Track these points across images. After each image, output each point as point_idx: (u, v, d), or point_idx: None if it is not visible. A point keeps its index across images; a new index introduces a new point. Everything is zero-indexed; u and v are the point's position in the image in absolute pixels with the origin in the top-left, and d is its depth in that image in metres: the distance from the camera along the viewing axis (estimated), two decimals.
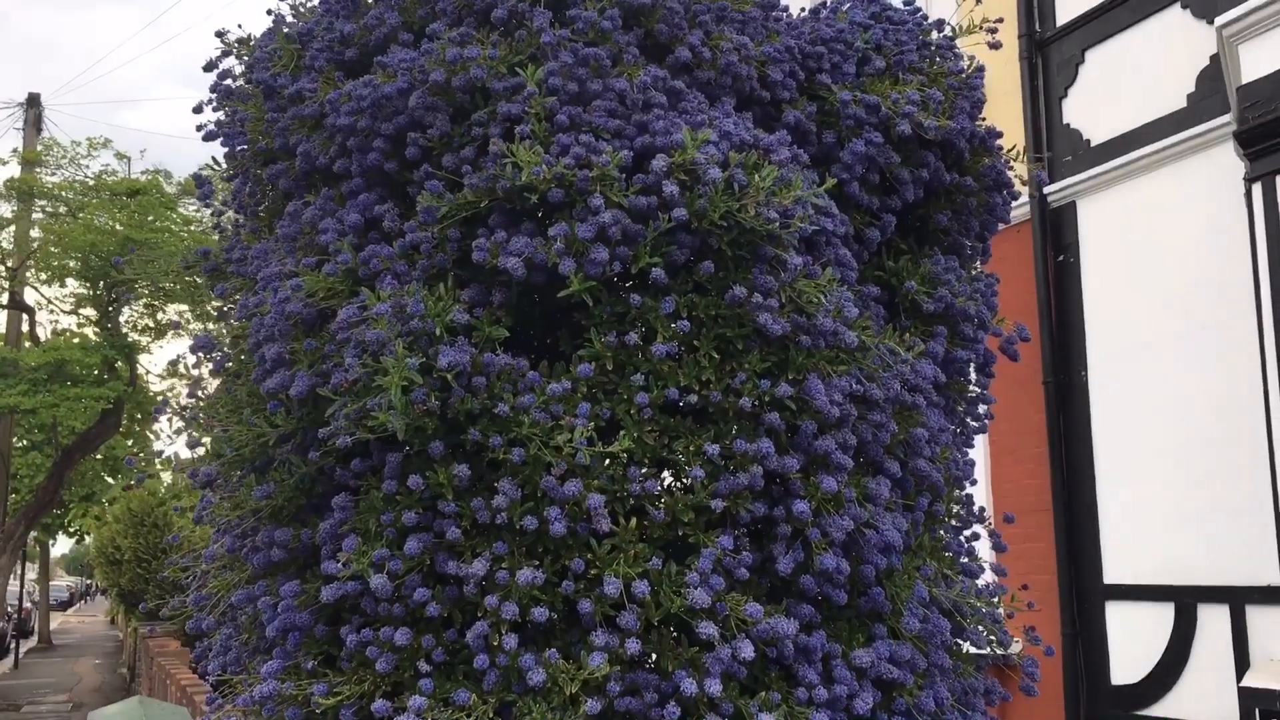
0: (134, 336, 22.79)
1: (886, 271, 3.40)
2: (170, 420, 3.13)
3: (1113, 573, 8.42)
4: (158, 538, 21.86)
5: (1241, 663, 7.50)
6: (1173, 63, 8.28)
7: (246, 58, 3.48)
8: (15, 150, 23.51)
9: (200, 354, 3.22)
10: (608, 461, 2.83)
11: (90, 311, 23.08)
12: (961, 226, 3.52)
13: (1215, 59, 8.04)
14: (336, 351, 2.82)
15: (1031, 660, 3.28)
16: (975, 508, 3.57)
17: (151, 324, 23.36)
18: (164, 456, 3.20)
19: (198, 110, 3.41)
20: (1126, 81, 8.57)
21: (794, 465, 2.82)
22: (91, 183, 22.67)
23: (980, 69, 3.50)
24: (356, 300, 2.75)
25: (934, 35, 3.57)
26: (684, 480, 3.03)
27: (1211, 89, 7.99)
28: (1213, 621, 7.77)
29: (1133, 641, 8.19)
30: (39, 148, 23.34)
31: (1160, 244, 8.13)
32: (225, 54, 3.49)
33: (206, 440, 3.15)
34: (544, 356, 3.00)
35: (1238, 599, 7.59)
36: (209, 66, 3.44)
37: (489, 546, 2.75)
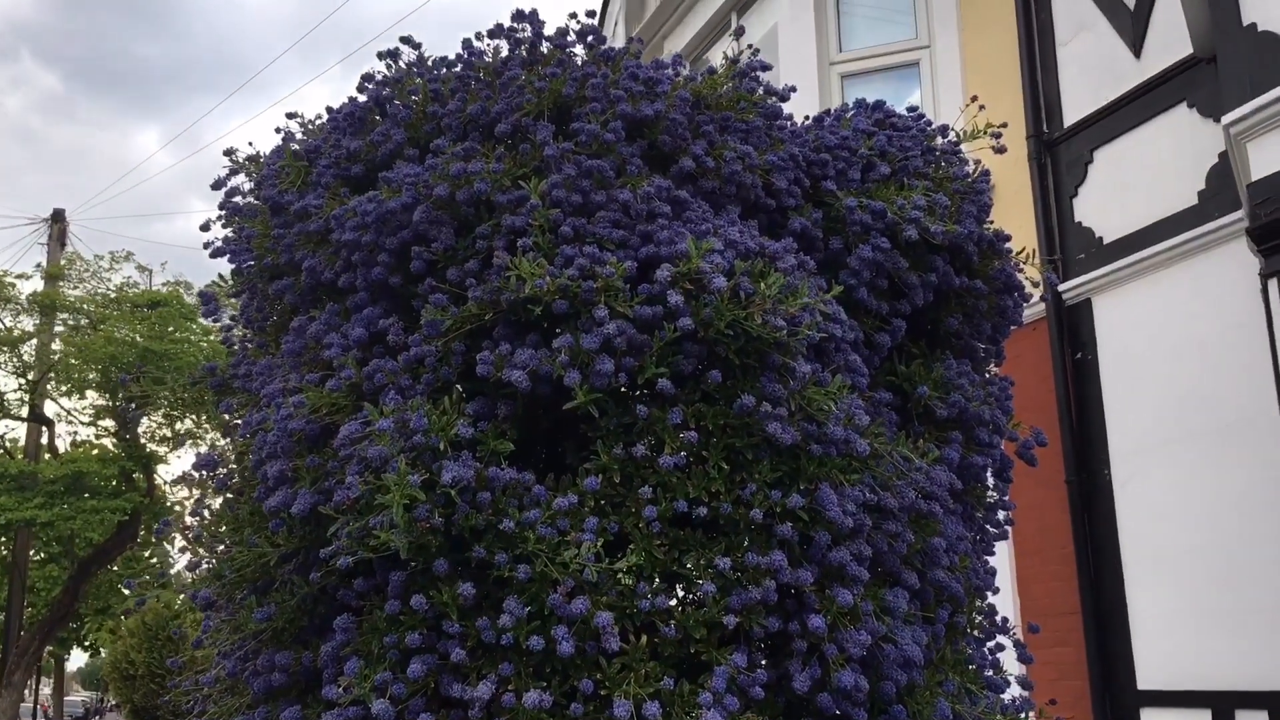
0: (152, 447, 22.81)
1: (898, 376, 3.36)
2: (172, 540, 3.07)
3: (1146, 678, 8.16)
4: (172, 652, 21.57)
5: None
6: (1182, 160, 8.32)
7: (255, 175, 3.51)
8: (39, 265, 23.89)
9: (203, 472, 3.18)
10: (616, 577, 2.75)
11: (109, 423, 23.16)
12: (973, 330, 3.48)
13: (1224, 156, 8.08)
14: (339, 469, 2.78)
15: None
16: (999, 618, 3.46)
17: (170, 434, 23.40)
18: (165, 577, 3.14)
19: (205, 228, 3.43)
20: (1136, 179, 8.61)
21: (808, 578, 2.74)
22: (113, 295, 22.97)
23: (986, 173, 3.50)
24: (359, 416, 2.71)
25: (939, 140, 3.58)
26: (695, 595, 2.95)
27: (1222, 185, 8.01)
28: None
29: None
30: (62, 262, 23.71)
31: (1178, 340, 8.07)
32: (234, 172, 3.52)
33: (211, 560, 3.09)
34: (550, 469, 2.95)
35: (1276, 704, 7.33)
36: (217, 184, 3.47)
37: (494, 668, 2.67)
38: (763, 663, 2.81)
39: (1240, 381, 7.56)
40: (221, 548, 3.05)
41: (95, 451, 22.46)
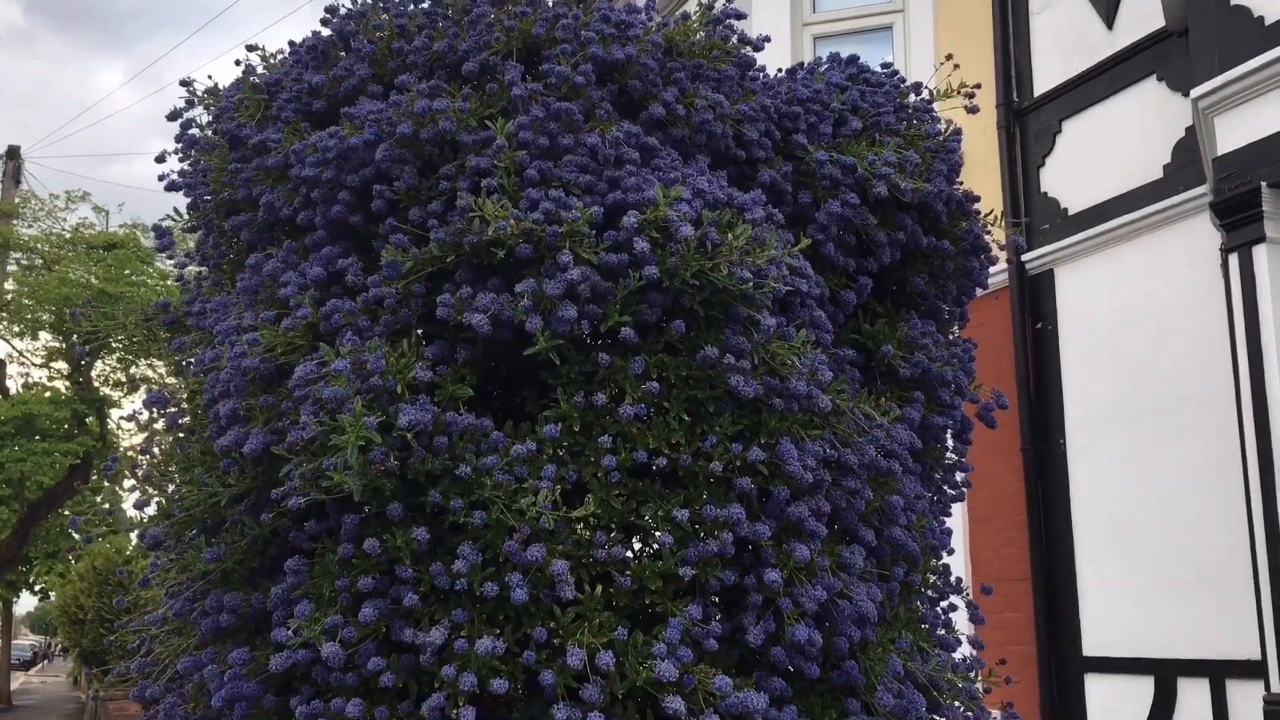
0: (105, 391, 22.51)
1: (863, 335, 3.34)
2: (122, 482, 3.01)
3: (1092, 645, 8.30)
4: (122, 596, 21.44)
5: None
6: (1149, 134, 8.35)
7: (213, 108, 3.41)
8: None
9: (154, 409, 3.11)
10: (573, 527, 2.73)
11: (62, 365, 22.81)
12: (939, 290, 3.47)
13: (1191, 130, 8.11)
14: (293, 409, 2.72)
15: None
16: (952, 578, 3.47)
17: (124, 379, 23.09)
18: (112, 514, 3.08)
19: (160, 160, 3.34)
20: (1103, 151, 8.64)
21: (765, 532, 2.73)
22: (68, 236, 22.54)
23: (957, 132, 3.48)
24: (315, 356, 2.65)
25: (911, 98, 3.55)
26: (652, 546, 2.94)
27: (1187, 160, 8.05)
28: (1193, 695, 7.65)
29: (1112, 715, 8.06)
30: (16, 200, 23.22)
31: (1138, 313, 8.14)
32: (191, 104, 3.42)
33: (159, 500, 3.03)
34: (509, 417, 2.90)
35: (1218, 673, 7.49)
36: (173, 115, 3.37)
37: (448, 614, 2.64)
38: (717, 616, 2.80)
39: (1197, 355, 7.64)
40: (172, 488, 2.99)
41: (47, 394, 22.12)
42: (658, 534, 2.72)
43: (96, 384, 22.68)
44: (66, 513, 25.23)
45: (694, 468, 2.77)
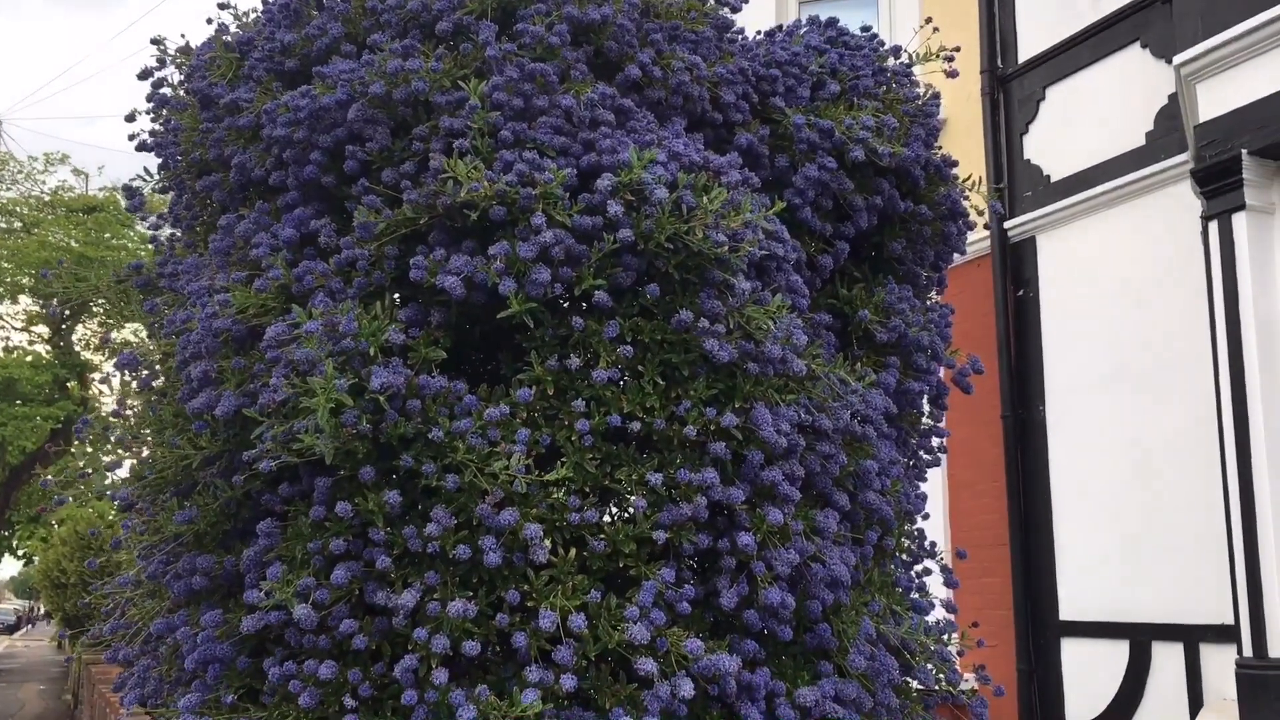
0: (86, 355, 22.40)
1: (839, 300, 3.33)
2: (97, 440, 2.99)
3: (1068, 609, 8.38)
4: (105, 560, 21.38)
5: (1195, 701, 7.47)
6: (1132, 101, 8.33)
7: (185, 67, 3.37)
8: None
9: (125, 371, 3.09)
10: (546, 490, 2.73)
11: (43, 329, 22.68)
12: (916, 255, 3.46)
13: (1174, 98, 8.10)
14: (265, 371, 2.71)
15: (981, 700, 3.20)
16: (926, 542, 3.49)
17: (107, 344, 22.96)
18: (87, 478, 3.06)
19: (130, 119, 3.29)
20: (1086, 118, 8.62)
21: (739, 496, 2.73)
22: (48, 199, 22.35)
23: (936, 96, 3.46)
24: (287, 318, 2.64)
25: (890, 61, 3.52)
26: (626, 510, 2.94)
27: (1170, 127, 8.04)
28: (1167, 659, 7.74)
29: (1087, 679, 8.15)
30: None
31: (1119, 280, 8.15)
32: (162, 62, 3.38)
33: (132, 462, 3.02)
34: (483, 380, 2.90)
35: (1192, 637, 7.57)
36: (144, 74, 3.32)
37: (420, 576, 2.64)
38: (691, 579, 2.81)
39: (1176, 323, 7.67)
40: (145, 450, 2.98)
41: (28, 358, 22.00)
42: (632, 498, 2.72)
43: (78, 348, 22.57)
44: (49, 476, 25.15)
45: (668, 432, 2.77)
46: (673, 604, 2.67)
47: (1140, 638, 7.76)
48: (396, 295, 2.88)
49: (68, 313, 22.32)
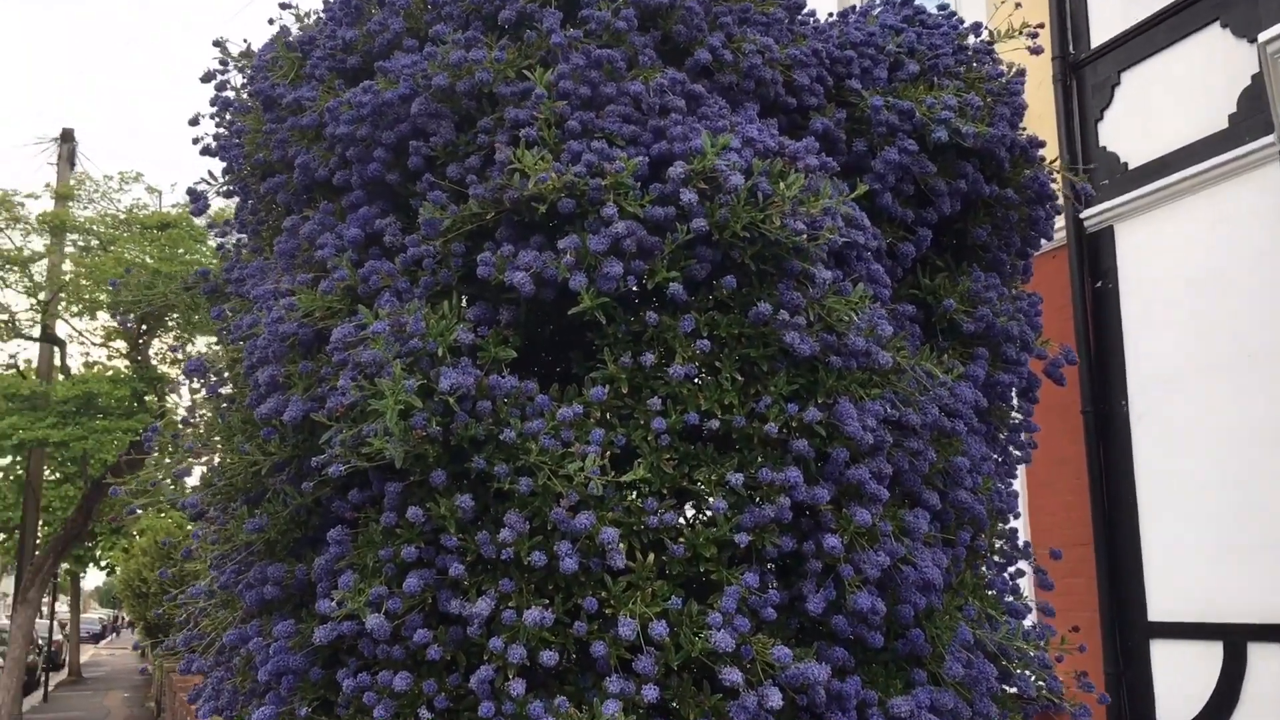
0: (163, 369, 22.79)
1: (922, 289, 3.19)
2: (160, 448, 2.95)
3: (1157, 610, 8.09)
4: (184, 571, 21.71)
5: None
6: (1213, 83, 8.05)
7: (247, 70, 3.33)
8: (48, 185, 23.69)
9: (194, 378, 3.05)
10: (622, 493, 2.63)
11: (120, 344, 23.13)
12: (1002, 242, 3.30)
13: (1257, 78, 7.81)
14: (333, 374, 2.64)
15: (1083, 708, 3.03)
16: (1020, 542, 3.33)
17: (180, 358, 23.35)
18: (156, 486, 3.02)
19: (194, 122, 3.25)
20: (1164, 103, 8.34)
21: (824, 496, 2.61)
22: (123, 216, 22.78)
23: (1021, 73, 3.29)
24: (354, 319, 2.57)
25: (970, 39, 3.37)
26: (705, 512, 2.83)
27: (1254, 109, 7.75)
28: (1264, 661, 7.45)
29: (1179, 681, 7.86)
30: (71, 182, 23.50)
31: (1203, 269, 7.87)
32: (224, 64, 3.34)
33: (202, 469, 2.97)
34: (554, 379, 2.80)
35: None
36: (207, 77, 3.29)
37: (494, 584, 2.55)
38: (774, 583, 2.68)
39: (1263, 311, 7.38)
40: (217, 458, 2.93)
41: (108, 373, 22.43)
42: (711, 499, 2.61)
43: (154, 362, 22.96)
44: (121, 486, 25.63)
45: (748, 430, 2.65)
46: (757, 610, 2.56)
47: (1235, 639, 7.46)
48: (463, 294, 2.80)
49: (144, 326, 22.73)
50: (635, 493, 2.67)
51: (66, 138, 24.66)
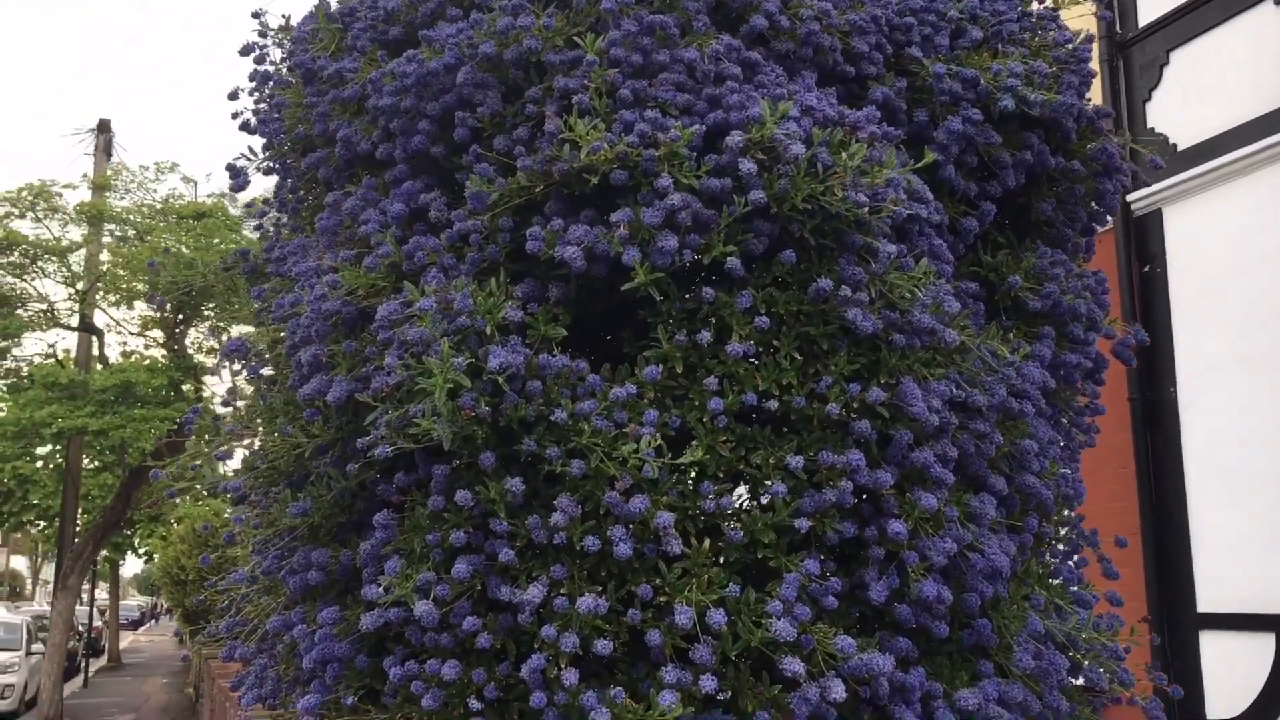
0: (200, 358, 22.91)
1: (983, 267, 3.06)
2: (198, 431, 2.88)
3: (1206, 601, 7.92)
4: (221, 557, 21.85)
5: None
6: (1265, 62, 7.84)
7: (286, 43, 3.24)
8: (85, 175, 23.84)
9: (232, 360, 2.98)
10: (677, 476, 2.53)
11: (157, 333, 23.26)
12: (1066, 217, 3.17)
13: None
14: (377, 354, 2.56)
15: (1155, 702, 2.91)
16: (1087, 530, 3.20)
17: (216, 345, 23.46)
18: (195, 470, 2.95)
19: (234, 96, 3.17)
20: (1214, 83, 8.13)
21: (888, 480, 2.50)
22: (159, 206, 22.89)
23: (1090, 39, 3.15)
24: (399, 296, 2.48)
25: (1034, 5, 3.23)
26: (761, 497, 2.73)
27: None
28: None
29: (1229, 674, 7.69)
30: (108, 172, 23.63)
31: (1254, 253, 7.67)
32: (263, 35, 3.25)
33: (244, 452, 2.90)
34: (604, 359, 2.70)
35: None
36: (245, 50, 3.21)
37: (546, 570, 2.46)
38: (834, 571, 2.58)
39: None
40: (257, 442, 2.86)
41: (145, 362, 22.56)
42: (769, 483, 2.50)
43: (191, 350, 23.08)
44: (161, 469, 25.78)
45: (806, 411, 2.54)
46: (817, 598, 2.45)
47: None
48: (510, 270, 2.70)
49: (180, 315, 22.84)
50: (689, 476, 2.57)
51: (103, 128, 24.81)
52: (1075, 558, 3.15)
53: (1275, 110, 7.63)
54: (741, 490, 2.70)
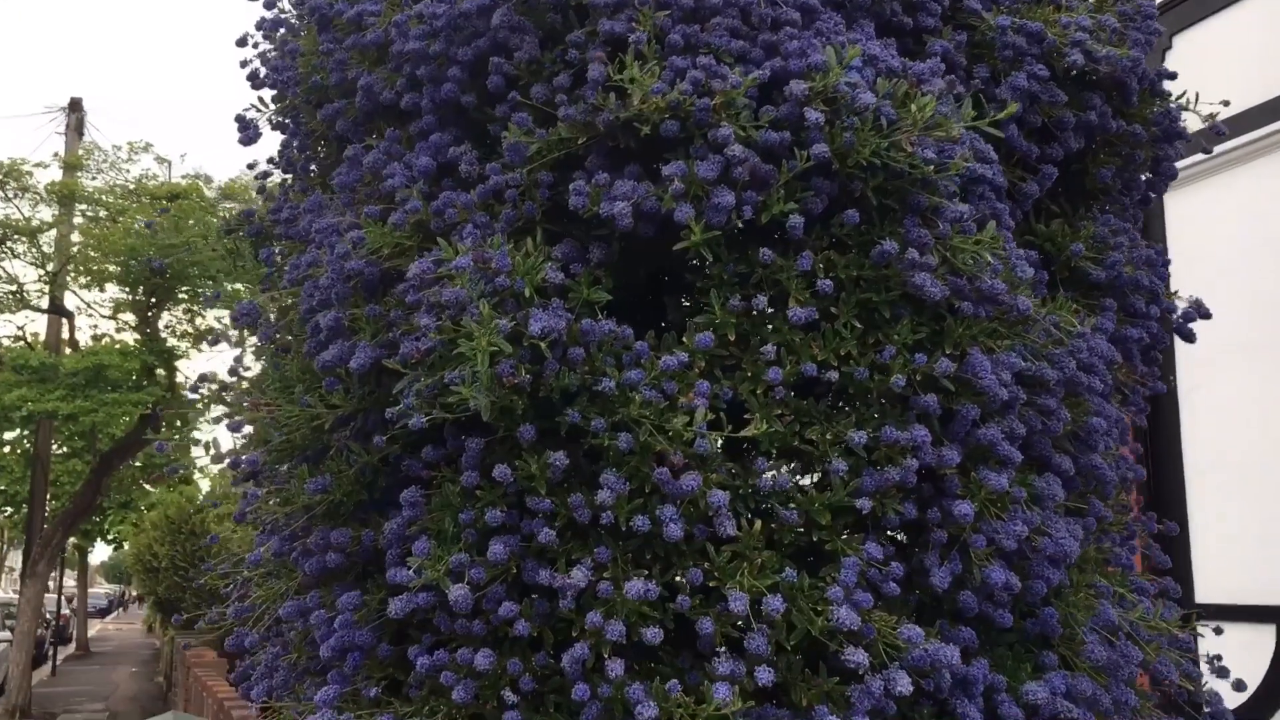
0: (173, 342, 22.55)
1: (1038, 236, 2.89)
2: (206, 402, 2.66)
3: (1205, 592, 7.83)
4: (195, 545, 21.49)
5: None
6: (1272, 46, 7.74)
7: None
8: (56, 154, 23.39)
9: (242, 325, 2.77)
10: (724, 452, 2.34)
11: (130, 317, 22.87)
12: (1125, 184, 3.01)
13: None
14: (405, 318, 2.36)
15: (1216, 695, 2.76)
16: (1143, 514, 3.04)
17: (191, 330, 23.11)
18: (201, 444, 2.74)
19: (241, 43, 2.95)
20: (1219, 68, 8.02)
21: (954, 458, 2.33)
22: (132, 187, 22.47)
23: None
24: (431, 254, 2.28)
25: None
26: (811, 475, 2.55)
27: None
28: None
29: (1229, 665, 7.60)
30: (80, 151, 23.19)
31: (1257, 239, 7.57)
32: None
33: (255, 425, 2.69)
34: (643, 327, 2.50)
35: None
36: None
37: (587, 552, 2.27)
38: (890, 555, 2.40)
39: None
40: (266, 411, 2.64)
41: (117, 346, 22.17)
42: (828, 460, 2.32)
43: (164, 335, 22.71)
44: (138, 464, 25.42)
45: (867, 383, 2.36)
46: (877, 584, 2.28)
47: None
48: (545, 230, 2.50)
49: (153, 299, 22.46)
50: (739, 452, 2.39)
51: (75, 107, 24.35)
52: (1132, 543, 3.00)
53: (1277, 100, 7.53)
54: (793, 468, 2.52)
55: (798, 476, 2.47)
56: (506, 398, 2.20)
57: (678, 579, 2.29)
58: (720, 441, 2.25)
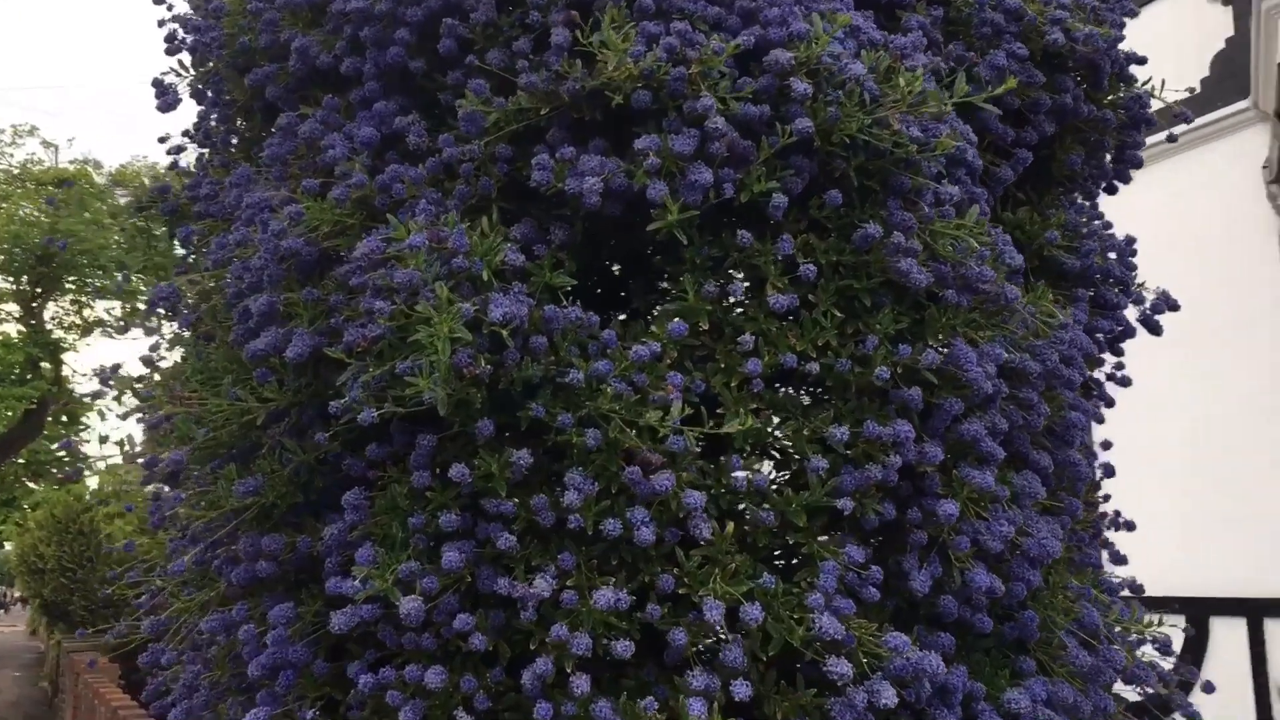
0: (59, 334, 21.61)
1: (1006, 224, 2.78)
2: (117, 395, 2.41)
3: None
4: (83, 545, 20.59)
5: (1260, 681, 7.06)
6: (1184, 46, 7.87)
7: None
8: None
9: (160, 309, 2.50)
10: (700, 449, 2.18)
11: (13, 307, 21.83)
12: (1093, 170, 2.91)
13: (1231, 41, 7.64)
14: (347, 302, 2.14)
15: (1188, 702, 2.69)
16: (1111, 511, 2.96)
17: (78, 321, 22.17)
18: (70, 446, 2.47)
19: (159, 1, 2.68)
20: (1137, 67, 8.14)
21: (938, 455, 2.20)
22: (16, 171, 21.45)
23: None
24: (379, 231, 2.06)
25: None
26: (785, 472, 2.40)
27: (1227, 72, 7.58)
28: (1227, 636, 7.34)
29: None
30: None
31: (1177, 234, 7.69)
32: None
33: (175, 421, 2.43)
34: (607, 313, 2.32)
35: (1255, 612, 7.16)
36: None
37: (550, 558, 2.09)
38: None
39: (1243, 278, 7.22)
40: (186, 405, 2.39)
41: (1, 338, 21.17)
42: (806, 458, 2.17)
43: (49, 326, 21.76)
44: (22, 460, 24.33)
45: (846, 376, 2.21)
46: (855, 589, 2.13)
47: (1198, 612, 7.33)
48: (501, 210, 2.30)
49: (39, 289, 21.50)
50: (711, 449, 2.22)
51: None
52: (1098, 540, 2.91)
53: (1197, 94, 7.65)
54: (767, 466, 2.37)
55: (771, 474, 2.31)
56: (464, 390, 2.00)
57: (645, 584, 2.12)
58: (698, 437, 2.07)
